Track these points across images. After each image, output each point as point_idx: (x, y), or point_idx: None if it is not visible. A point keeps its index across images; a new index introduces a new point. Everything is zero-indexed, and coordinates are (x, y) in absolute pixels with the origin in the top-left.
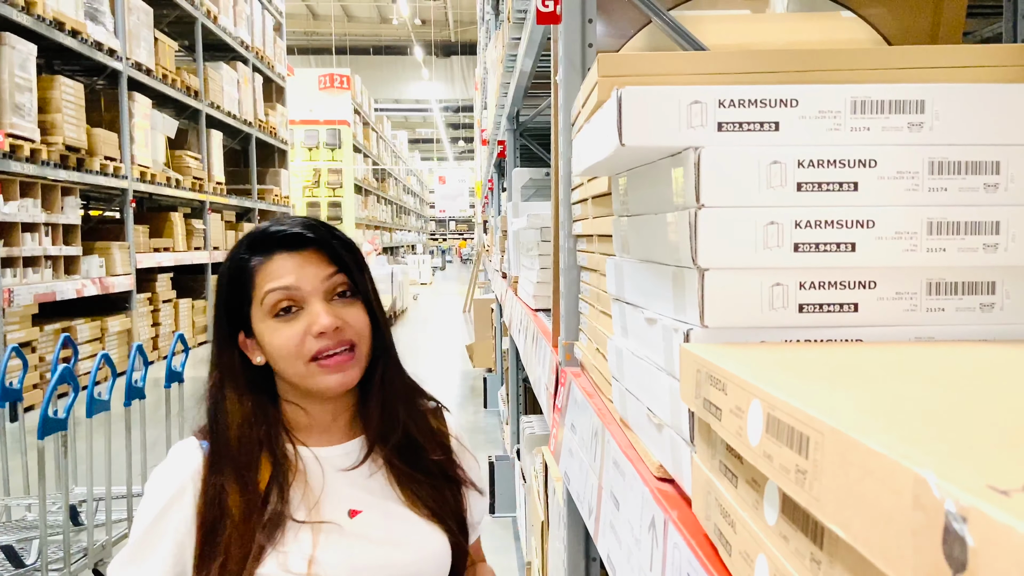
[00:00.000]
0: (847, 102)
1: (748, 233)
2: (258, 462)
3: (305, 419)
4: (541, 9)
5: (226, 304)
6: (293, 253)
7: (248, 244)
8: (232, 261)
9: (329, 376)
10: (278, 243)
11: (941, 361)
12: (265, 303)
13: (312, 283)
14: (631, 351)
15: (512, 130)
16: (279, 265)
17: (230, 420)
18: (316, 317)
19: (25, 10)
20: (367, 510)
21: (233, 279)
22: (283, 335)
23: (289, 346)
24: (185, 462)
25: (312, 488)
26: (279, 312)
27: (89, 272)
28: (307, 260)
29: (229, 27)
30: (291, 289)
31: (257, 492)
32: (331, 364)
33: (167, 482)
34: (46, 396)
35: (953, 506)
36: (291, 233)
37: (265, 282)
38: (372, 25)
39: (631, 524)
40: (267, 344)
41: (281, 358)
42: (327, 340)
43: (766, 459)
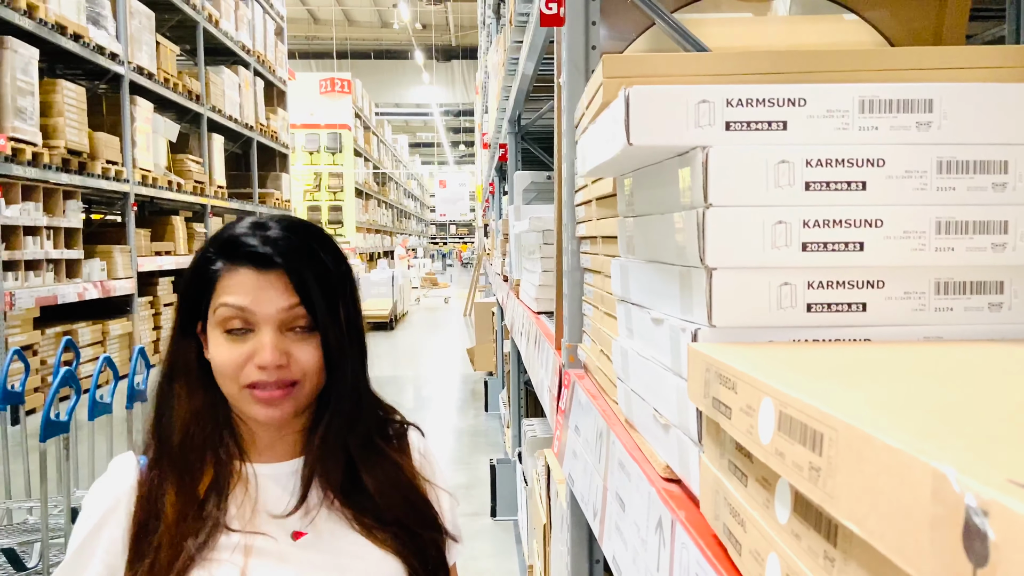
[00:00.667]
0: (855, 101)
1: (756, 232)
2: (201, 463)
3: (248, 431)
4: (545, 12)
5: (188, 294)
6: (259, 271)
7: (220, 244)
8: (201, 255)
9: (259, 408)
10: (246, 256)
11: (951, 360)
12: (217, 314)
13: (268, 309)
14: (637, 352)
15: (514, 133)
16: (240, 280)
17: (176, 415)
18: (261, 349)
19: (27, 14)
20: (312, 533)
21: (197, 274)
22: (226, 353)
23: (228, 367)
24: (120, 478)
25: (251, 502)
26: (228, 329)
27: (91, 275)
28: (270, 283)
29: (230, 31)
30: (244, 311)
31: (195, 495)
32: (263, 398)
33: (101, 499)
34: (48, 399)
35: (974, 500)
36: (262, 250)
37: (223, 291)
38: (373, 29)
39: (637, 525)
40: (211, 353)
41: (219, 374)
42: (265, 375)
43: (778, 457)
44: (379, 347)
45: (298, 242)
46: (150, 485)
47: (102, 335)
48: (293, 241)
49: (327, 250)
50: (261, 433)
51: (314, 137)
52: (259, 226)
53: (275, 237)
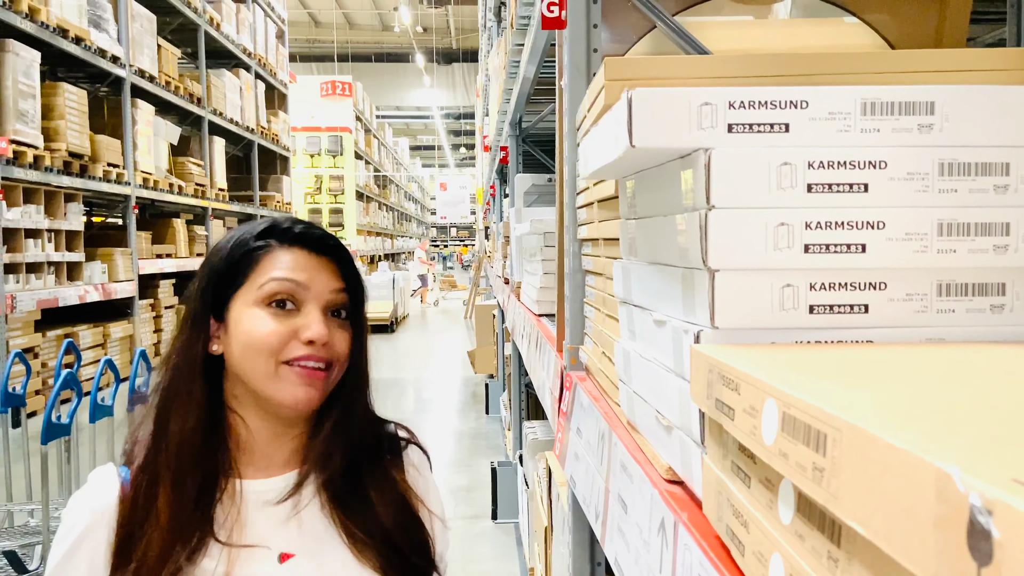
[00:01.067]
0: (857, 103)
1: (759, 234)
2: (196, 468)
3: (246, 436)
4: (546, 14)
5: (214, 283)
6: (311, 253)
7: (263, 231)
8: (236, 242)
9: (297, 387)
10: (298, 238)
11: (953, 361)
12: (264, 288)
13: (319, 288)
14: (639, 354)
15: (515, 136)
16: (296, 258)
17: (187, 412)
18: (311, 323)
19: (29, 17)
20: (300, 555)
21: (232, 258)
22: (267, 326)
23: (270, 340)
24: (102, 492)
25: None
26: (272, 303)
27: (92, 278)
28: (322, 265)
29: (232, 34)
30: (299, 284)
31: (190, 497)
32: (305, 372)
33: (82, 512)
34: (49, 401)
35: (978, 499)
36: (317, 233)
37: (271, 267)
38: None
39: (640, 527)
40: (244, 331)
41: (252, 349)
42: (311, 350)
43: (781, 457)
44: (380, 350)
45: (338, 241)
46: (138, 490)
47: (103, 338)
48: (334, 238)
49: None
50: (259, 437)
51: (315, 140)
52: (296, 221)
53: (320, 230)
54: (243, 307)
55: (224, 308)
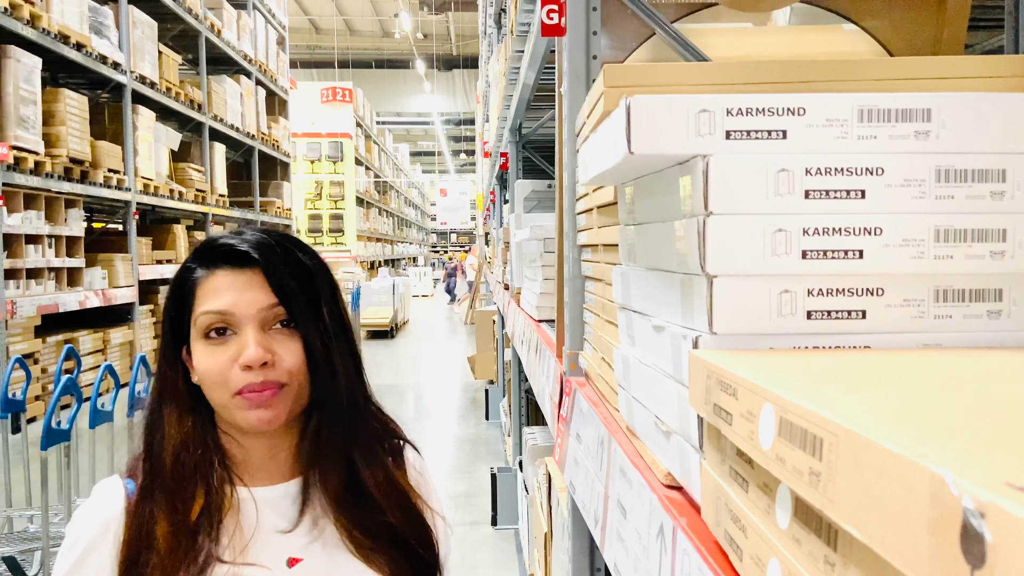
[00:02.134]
0: (854, 110)
1: (756, 240)
2: (193, 491)
3: (240, 452)
4: (546, 21)
5: (170, 315)
6: (236, 271)
7: (196, 254)
8: (180, 270)
9: (251, 412)
10: (222, 257)
11: (950, 367)
12: (198, 323)
13: (249, 309)
14: (638, 359)
15: (515, 142)
16: (219, 283)
17: (167, 441)
18: (244, 348)
19: (30, 23)
20: (308, 559)
21: (177, 289)
22: (209, 359)
23: (215, 373)
24: (107, 504)
25: (244, 530)
26: (210, 334)
27: (92, 284)
28: (250, 282)
29: (233, 41)
30: (225, 314)
31: (187, 524)
32: (254, 399)
33: (88, 525)
34: (49, 407)
35: (971, 503)
36: (236, 249)
37: (202, 300)
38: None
39: (639, 532)
40: (197, 365)
41: (207, 384)
42: (252, 377)
43: (778, 462)
44: (380, 355)
45: (273, 242)
46: (139, 513)
47: (103, 343)
48: (268, 241)
49: (303, 250)
50: (254, 453)
51: (315, 146)
52: (235, 233)
53: (250, 238)
54: (194, 341)
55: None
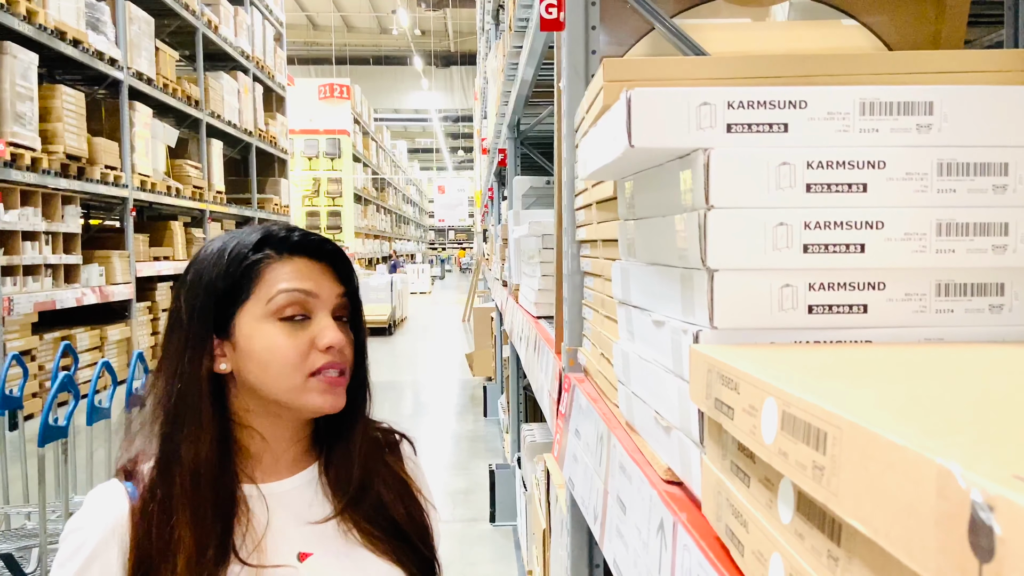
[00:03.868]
0: (856, 103)
1: (757, 234)
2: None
3: (258, 445)
4: (545, 16)
5: (215, 300)
6: (311, 260)
7: (259, 241)
8: (232, 255)
9: (325, 395)
10: (297, 246)
11: (952, 361)
12: (273, 302)
13: (326, 295)
14: (638, 354)
15: (513, 138)
16: (299, 268)
17: (199, 444)
18: (326, 330)
19: (27, 20)
20: (319, 553)
21: (231, 274)
22: (289, 341)
23: (294, 354)
24: (108, 510)
25: (256, 529)
26: (285, 317)
27: (89, 281)
28: (324, 271)
29: (230, 37)
30: (310, 294)
31: (209, 535)
32: (329, 381)
33: (92, 529)
34: (46, 404)
35: (980, 496)
36: (315, 240)
37: (279, 280)
38: (372, 35)
39: (639, 528)
40: (263, 348)
41: (276, 366)
42: (332, 356)
43: (781, 456)
44: (377, 352)
45: (335, 245)
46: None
47: (100, 340)
48: (332, 243)
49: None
50: (273, 445)
51: (313, 143)
52: (288, 228)
53: (316, 236)
54: (253, 323)
55: (227, 325)
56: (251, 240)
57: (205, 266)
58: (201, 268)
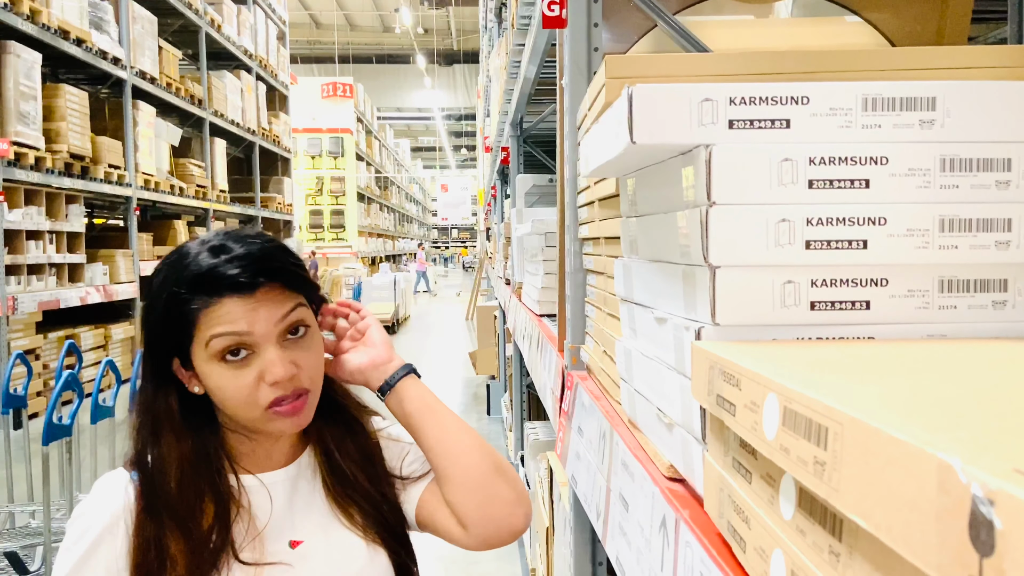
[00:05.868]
0: (858, 99)
1: (759, 231)
2: (202, 505)
3: (248, 446)
4: (547, 13)
5: (163, 336)
6: (245, 297)
7: (190, 281)
8: (167, 297)
9: (284, 420)
10: (227, 287)
11: (955, 357)
12: (211, 347)
13: (265, 327)
14: (640, 352)
15: (516, 136)
16: (227, 310)
17: (168, 467)
18: (270, 366)
19: (30, 19)
20: (308, 538)
21: (170, 317)
22: (234, 382)
23: (242, 394)
24: (114, 497)
25: (256, 521)
26: (226, 356)
27: (93, 280)
28: (260, 302)
29: (233, 36)
30: (241, 335)
31: (202, 540)
32: (285, 411)
33: (94, 520)
34: (51, 403)
35: (980, 490)
36: (248, 274)
37: (211, 325)
38: (375, 34)
39: (641, 525)
40: (214, 387)
41: (231, 404)
42: (281, 390)
43: (783, 452)
44: None
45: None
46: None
47: (104, 339)
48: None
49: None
50: (263, 443)
51: (316, 141)
52: (219, 250)
53: (243, 254)
54: (201, 364)
55: (187, 358)
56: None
57: (151, 302)
58: (149, 303)
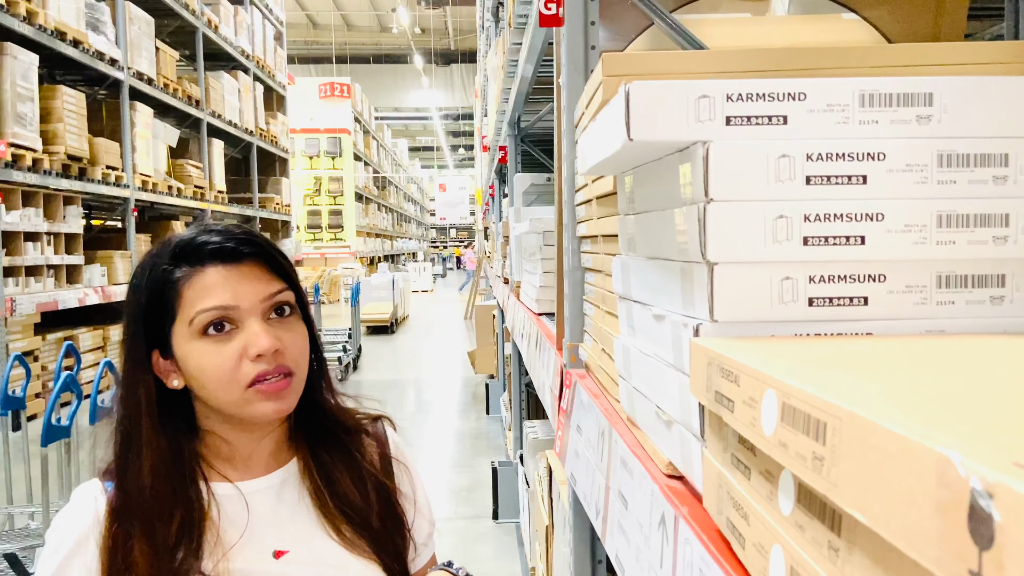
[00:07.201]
0: (855, 95)
1: (757, 227)
2: (171, 510)
3: (226, 450)
4: (544, 12)
5: (144, 321)
6: (229, 266)
7: (173, 254)
8: (152, 272)
9: (267, 403)
10: (213, 255)
11: (953, 352)
12: (195, 323)
13: (250, 301)
14: (639, 349)
15: (513, 136)
16: (212, 280)
17: (143, 462)
18: (254, 338)
19: (27, 20)
20: (294, 549)
21: (153, 293)
22: (216, 358)
23: (223, 370)
24: (86, 508)
25: (230, 531)
26: (208, 330)
27: (91, 281)
28: (244, 275)
29: (230, 37)
30: (227, 308)
31: (167, 544)
32: (269, 390)
33: (68, 531)
34: (49, 404)
35: (979, 483)
36: (229, 246)
37: (196, 299)
38: (372, 34)
39: (640, 522)
40: (195, 367)
41: (212, 383)
42: (265, 364)
43: (781, 448)
44: (380, 351)
45: (251, 235)
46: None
47: (103, 340)
48: (248, 235)
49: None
50: (241, 448)
51: (314, 142)
52: (206, 231)
53: (232, 234)
54: (183, 343)
55: (166, 344)
56: (167, 253)
57: (135, 284)
58: (132, 286)
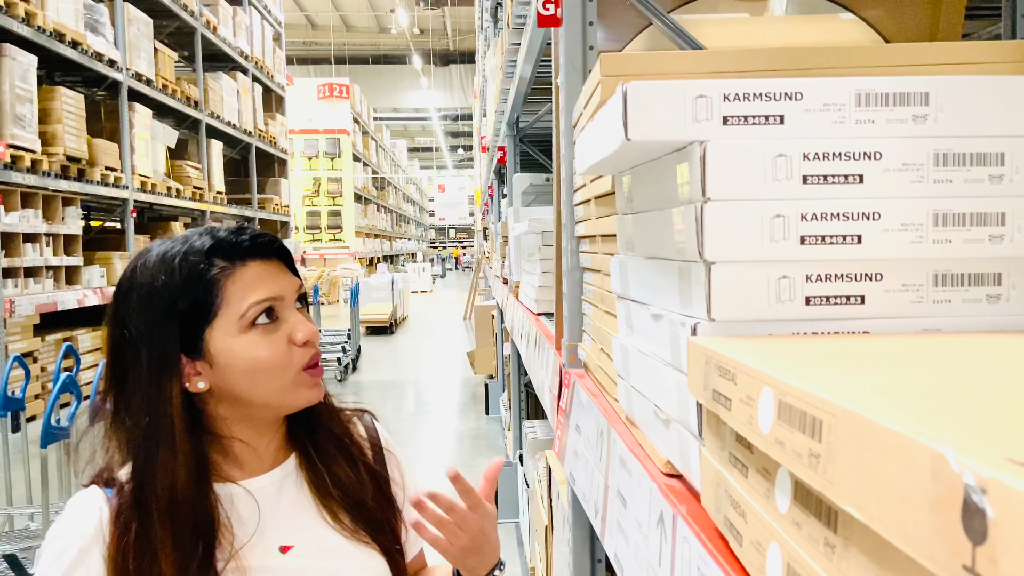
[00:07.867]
0: (852, 95)
1: (754, 226)
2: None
3: (239, 449)
4: (542, 12)
5: (179, 321)
6: (264, 262)
7: (209, 251)
8: (185, 270)
9: (312, 390)
10: (252, 250)
11: (949, 350)
12: (247, 316)
13: (289, 292)
14: (637, 348)
15: (512, 136)
16: (258, 273)
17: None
18: (299, 324)
19: (26, 21)
20: (299, 544)
21: (189, 291)
22: (271, 345)
23: (279, 354)
24: (89, 517)
25: (241, 531)
26: (257, 321)
27: (90, 282)
28: (276, 270)
29: (229, 37)
30: (276, 299)
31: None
32: (316, 374)
33: (71, 540)
34: (49, 405)
35: (972, 479)
36: (265, 239)
37: (244, 293)
38: (371, 35)
39: (639, 521)
40: (247, 359)
41: (265, 374)
42: (311, 348)
43: (778, 446)
44: (379, 351)
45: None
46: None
47: (102, 341)
48: (267, 233)
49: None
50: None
51: (313, 142)
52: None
53: (255, 231)
54: (227, 339)
55: (197, 344)
56: (201, 249)
57: (155, 286)
58: (150, 288)
